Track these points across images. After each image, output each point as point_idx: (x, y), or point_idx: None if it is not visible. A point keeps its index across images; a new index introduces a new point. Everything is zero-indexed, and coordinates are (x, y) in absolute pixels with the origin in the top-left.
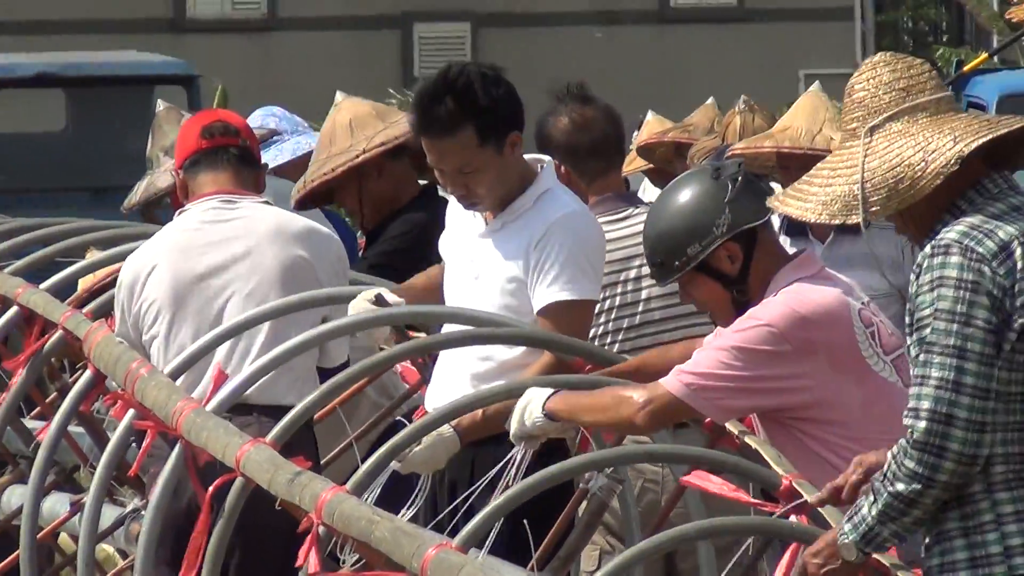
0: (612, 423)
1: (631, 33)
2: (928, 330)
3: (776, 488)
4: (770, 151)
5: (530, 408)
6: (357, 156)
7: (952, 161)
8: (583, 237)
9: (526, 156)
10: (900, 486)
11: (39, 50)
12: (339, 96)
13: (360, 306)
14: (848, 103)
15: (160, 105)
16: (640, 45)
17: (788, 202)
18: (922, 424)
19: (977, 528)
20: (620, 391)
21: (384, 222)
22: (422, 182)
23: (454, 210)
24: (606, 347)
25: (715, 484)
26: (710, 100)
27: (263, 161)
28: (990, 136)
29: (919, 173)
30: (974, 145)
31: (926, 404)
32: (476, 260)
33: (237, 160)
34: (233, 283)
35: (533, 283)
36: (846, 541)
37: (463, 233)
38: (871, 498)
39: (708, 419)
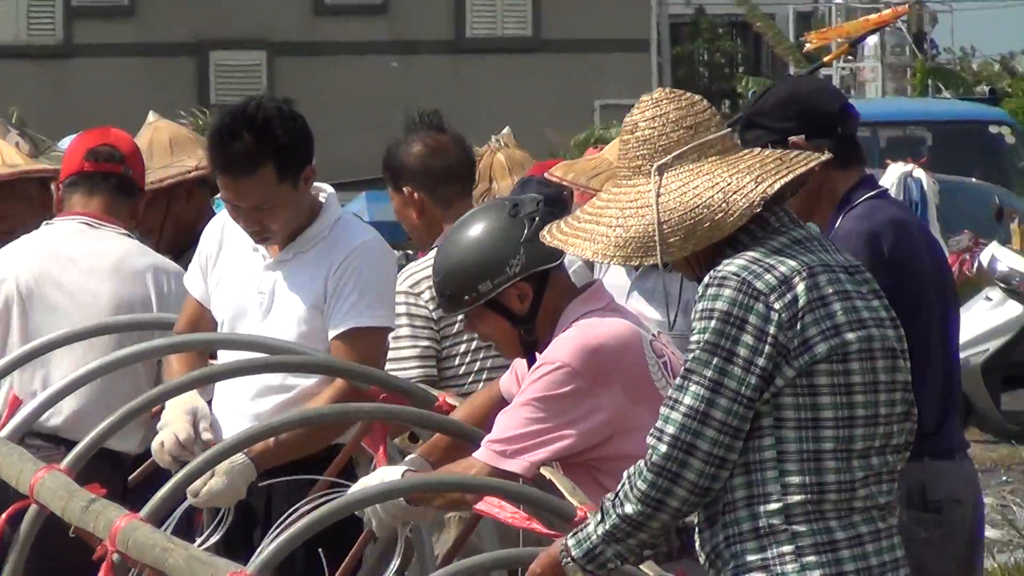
0: (453, 503)
1: (427, 63)
2: (691, 356)
3: (571, 519)
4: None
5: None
6: (189, 172)
7: (756, 202)
8: (381, 266)
9: None
10: (629, 508)
11: None
12: (152, 116)
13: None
14: (631, 140)
15: None
16: (436, 75)
17: (575, 243)
18: (663, 448)
19: (777, 560)
20: (447, 469)
21: (181, 247)
22: None
23: (210, 250)
24: (465, 388)
25: (507, 512)
26: (506, 130)
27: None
28: (790, 176)
29: (720, 214)
30: (777, 186)
31: (671, 429)
32: (265, 291)
33: (114, 188)
34: (65, 309)
35: (330, 309)
36: (567, 560)
37: (241, 268)
38: (599, 516)
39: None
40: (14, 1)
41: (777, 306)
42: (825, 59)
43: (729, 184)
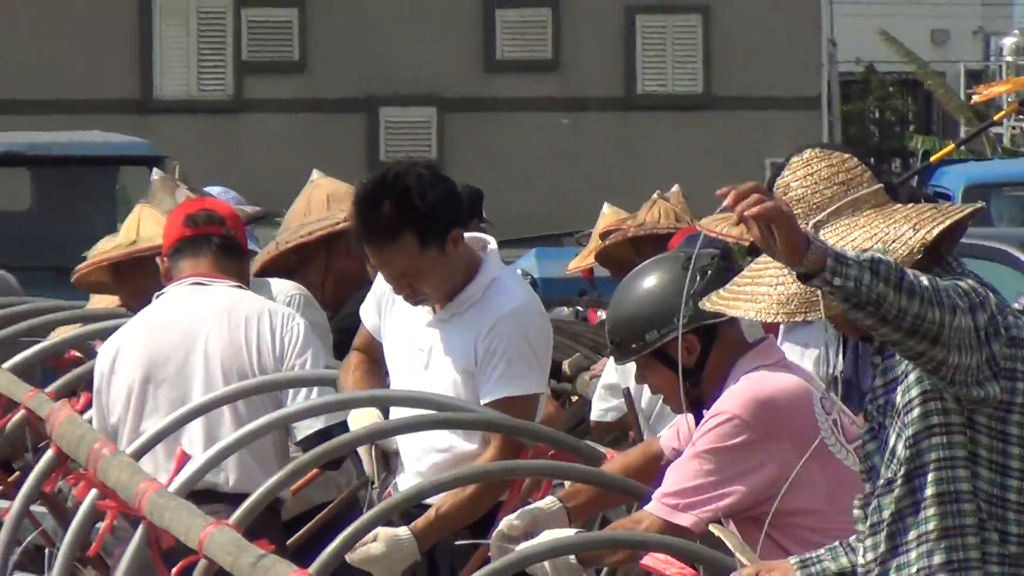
0: (626, 557)
1: (597, 119)
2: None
3: None
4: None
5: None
6: (336, 223)
7: (916, 249)
8: (529, 330)
9: (467, 235)
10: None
11: (5, 129)
12: (315, 174)
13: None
14: (786, 200)
15: (155, 174)
16: (606, 131)
17: (737, 305)
18: None
19: None
20: (616, 525)
21: (343, 301)
22: None
23: (387, 289)
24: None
25: (675, 568)
26: (675, 188)
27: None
28: (948, 222)
29: None
30: (936, 231)
31: None
32: (425, 349)
33: (219, 249)
34: (192, 367)
35: (480, 375)
36: None
37: (408, 319)
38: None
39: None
40: (185, 56)
41: (1002, 320)
42: (995, 117)
43: (887, 234)
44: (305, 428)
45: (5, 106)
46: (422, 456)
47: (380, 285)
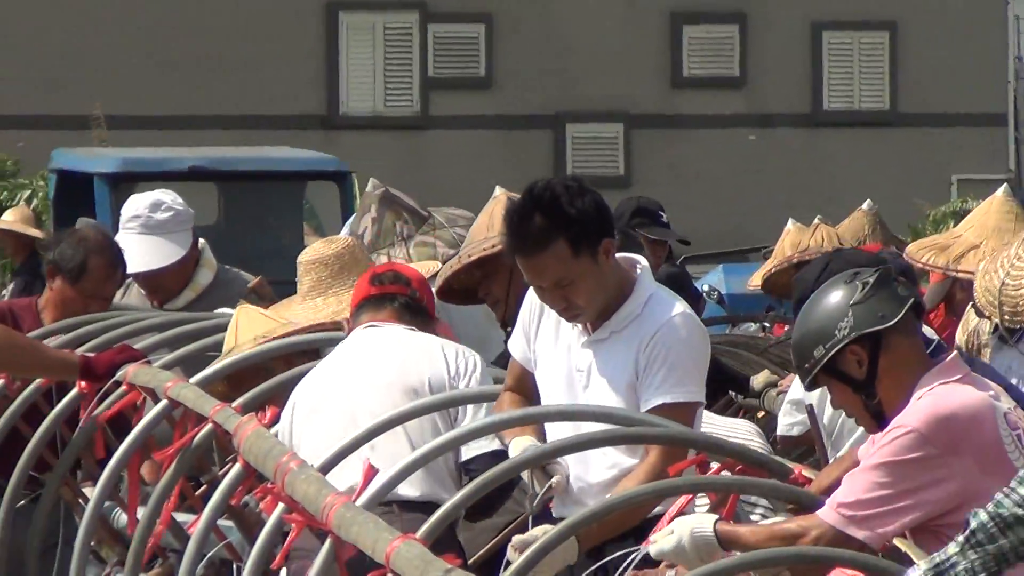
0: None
1: (784, 136)
2: None
3: None
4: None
5: (699, 530)
6: None
7: None
8: (690, 341)
9: (618, 256)
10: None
11: (193, 144)
12: (498, 190)
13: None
14: None
15: (369, 185)
16: (792, 147)
17: None
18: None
19: None
20: (779, 527)
21: None
22: None
23: (532, 315)
24: None
25: None
26: (865, 204)
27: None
28: None
29: None
30: None
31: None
32: (584, 370)
33: (402, 307)
34: (361, 392)
35: (641, 385)
36: None
37: (561, 343)
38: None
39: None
40: (372, 73)
41: None
42: None
43: None
44: (475, 448)
45: (193, 121)
46: (584, 469)
47: (525, 315)
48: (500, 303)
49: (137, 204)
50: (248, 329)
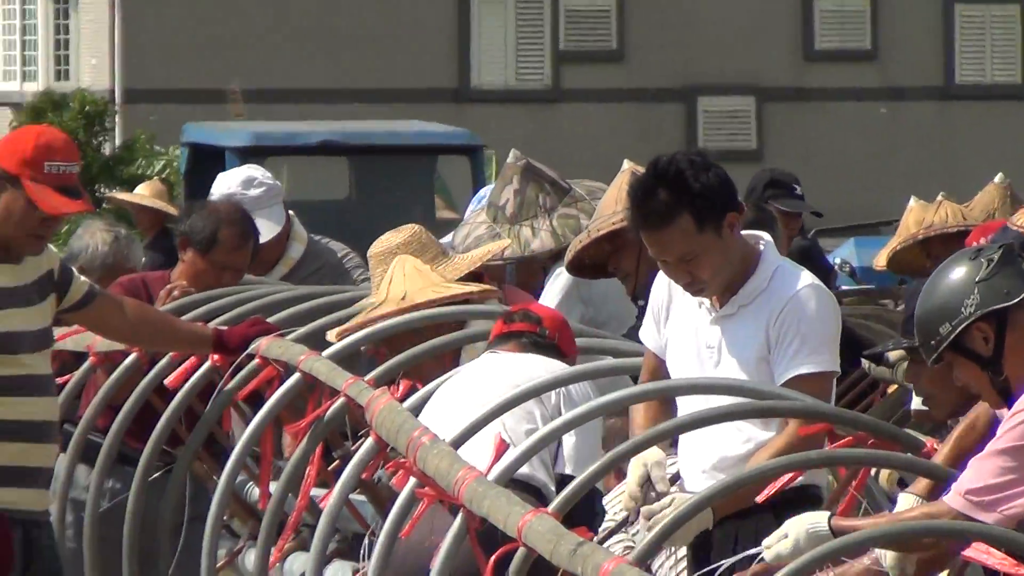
0: (939, 552)
1: (915, 109)
2: None
3: None
4: None
5: (814, 528)
6: (623, 218)
7: None
8: (820, 311)
9: (744, 234)
10: None
11: (324, 119)
12: (627, 163)
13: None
14: None
15: (511, 156)
16: (924, 121)
17: None
18: None
19: None
20: (900, 516)
21: None
22: None
23: (661, 300)
24: None
25: (996, 558)
26: (997, 177)
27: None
28: None
29: None
30: None
31: None
32: (714, 346)
33: (530, 344)
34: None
35: (774, 358)
36: None
37: (689, 322)
38: None
39: None
40: (503, 46)
41: None
42: None
43: None
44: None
45: (322, 95)
46: (719, 444)
47: (655, 301)
48: (630, 276)
49: (229, 181)
50: (400, 285)
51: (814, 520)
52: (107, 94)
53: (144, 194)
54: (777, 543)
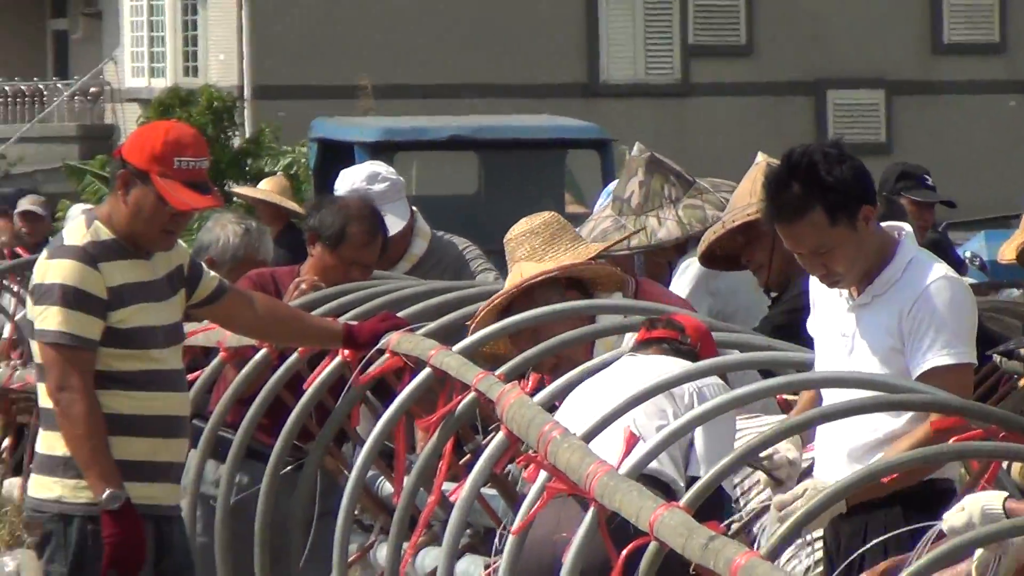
0: None
1: None
2: None
3: None
4: None
5: (989, 508)
6: (749, 213)
7: None
8: (956, 302)
9: (884, 225)
10: None
11: (452, 114)
12: (760, 156)
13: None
14: None
15: (635, 149)
16: None
17: None
18: None
19: None
20: None
21: (789, 282)
22: None
23: (815, 289)
24: None
25: None
26: None
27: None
28: None
29: None
30: None
31: None
32: (848, 335)
33: (670, 350)
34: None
35: (909, 350)
36: None
37: (829, 309)
38: None
39: None
40: (632, 40)
41: None
42: None
43: None
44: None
45: (455, 91)
46: (849, 434)
47: (812, 291)
48: (763, 268)
49: (353, 177)
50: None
51: (990, 500)
52: (235, 90)
53: (267, 189)
54: (953, 515)
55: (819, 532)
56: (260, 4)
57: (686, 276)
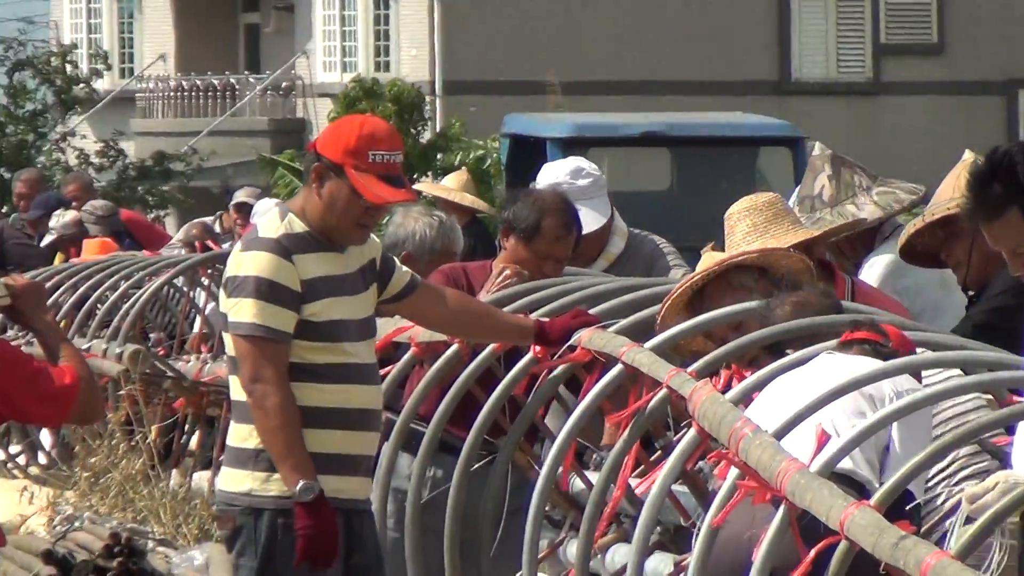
0: None
1: None
2: None
3: None
4: None
5: None
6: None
7: None
8: None
9: None
10: None
11: (641, 110)
12: (968, 153)
13: None
14: None
15: (816, 148)
16: None
17: None
18: None
19: None
20: None
21: (988, 281)
22: None
23: None
24: None
25: None
26: None
27: None
28: None
29: None
30: None
31: None
32: None
33: (871, 351)
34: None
35: None
36: None
37: None
38: None
39: None
40: (823, 39)
41: None
42: None
43: None
44: None
45: (646, 87)
46: None
47: None
48: (961, 266)
49: (557, 171)
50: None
51: None
52: (426, 85)
53: (450, 187)
54: None
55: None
56: (452, 0)
57: (872, 273)
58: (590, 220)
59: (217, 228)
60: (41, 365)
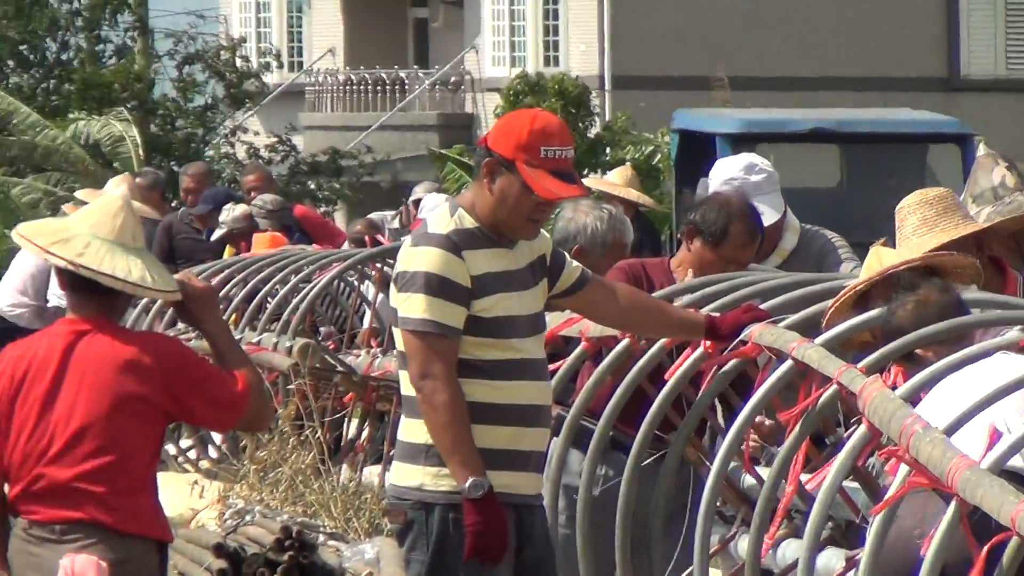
0: None
1: None
2: None
3: None
4: None
5: None
6: None
7: None
8: None
9: None
10: None
11: (807, 106)
12: (981, 147)
13: None
14: None
15: (981, 148)
16: None
17: None
18: None
19: None
20: None
21: None
22: None
23: None
24: None
25: None
26: None
27: None
28: None
29: None
30: None
31: None
32: None
33: None
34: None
35: None
36: None
37: None
38: None
39: None
40: (992, 35)
41: None
42: None
43: None
44: None
45: (813, 83)
46: None
47: None
48: None
49: (730, 167)
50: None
51: None
52: (595, 80)
53: (615, 182)
54: None
55: None
56: None
57: None
58: (764, 215)
59: (397, 224)
60: (214, 369)
